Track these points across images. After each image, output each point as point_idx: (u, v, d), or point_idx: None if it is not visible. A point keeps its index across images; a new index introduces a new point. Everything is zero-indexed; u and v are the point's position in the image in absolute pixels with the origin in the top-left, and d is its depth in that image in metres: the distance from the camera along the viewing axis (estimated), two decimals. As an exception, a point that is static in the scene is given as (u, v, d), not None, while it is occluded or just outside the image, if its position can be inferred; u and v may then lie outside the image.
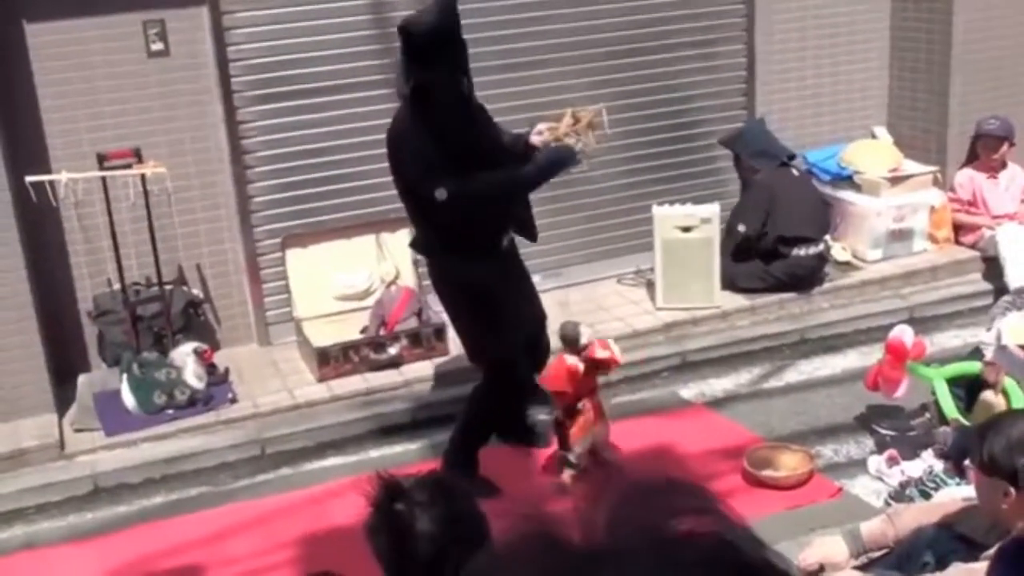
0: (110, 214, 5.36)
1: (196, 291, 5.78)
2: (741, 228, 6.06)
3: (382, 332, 5.61)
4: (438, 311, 5.78)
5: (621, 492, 0.73)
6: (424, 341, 5.58)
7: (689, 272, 5.95)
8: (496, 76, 6.19)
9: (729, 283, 6.09)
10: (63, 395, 5.34)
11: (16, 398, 5.13)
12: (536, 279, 6.35)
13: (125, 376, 5.21)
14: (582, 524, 0.71)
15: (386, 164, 6.08)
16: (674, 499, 0.73)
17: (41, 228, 5.39)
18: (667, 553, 0.68)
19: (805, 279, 6.14)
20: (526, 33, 6.22)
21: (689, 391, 5.49)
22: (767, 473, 4.50)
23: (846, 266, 6.40)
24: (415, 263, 5.85)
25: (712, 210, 5.93)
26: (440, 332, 5.62)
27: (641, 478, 0.75)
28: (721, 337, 5.87)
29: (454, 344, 5.66)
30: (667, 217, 5.94)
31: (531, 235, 4.61)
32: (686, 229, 5.92)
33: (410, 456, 4.90)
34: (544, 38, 6.25)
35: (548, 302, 6.14)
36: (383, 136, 6.04)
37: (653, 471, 0.77)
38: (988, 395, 4.45)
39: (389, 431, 5.17)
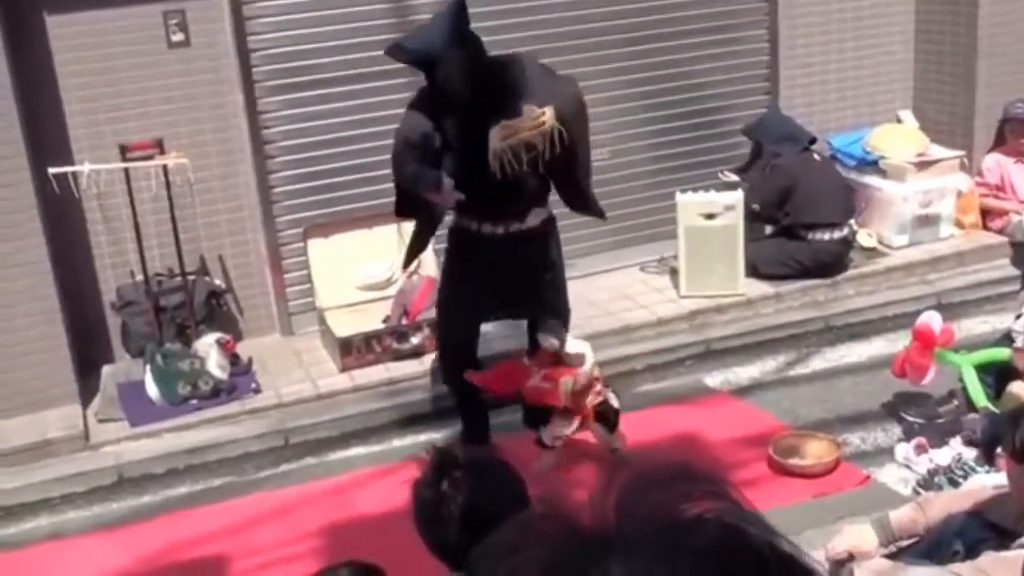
0: (132, 205, 5.37)
1: (218, 281, 5.79)
2: (755, 206, 6.02)
3: (404, 321, 5.61)
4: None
5: (630, 478, 0.73)
6: (446, 330, 5.56)
7: (713, 260, 5.91)
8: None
9: (753, 270, 6.05)
10: (87, 386, 5.36)
11: (41, 389, 5.16)
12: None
13: (149, 367, 5.22)
14: (592, 510, 0.70)
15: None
16: (682, 485, 0.73)
17: (64, 220, 5.41)
18: (675, 538, 0.68)
19: (830, 265, 6.09)
20: (544, 20, 6.18)
21: (714, 379, 5.47)
22: (793, 461, 4.47)
23: (872, 252, 6.35)
24: (436, 252, 5.83)
25: (736, 197, 5.89)
26: (462, 321, 5.60)
27: (650, 464, 0.75)
28: (746, 325, 5.83)
29: (477, 333, 5.64)
30: (690, 204, 5.90)
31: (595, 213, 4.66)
32: (709, 216, 5.88)
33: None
34: (563, 24, 6.22)
35: (571, 290, 6.15)
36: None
37: (662, 457, 0.77)
38: (1018, 383, 4.40)
39: (412, 421, 5.16)
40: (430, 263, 5.85)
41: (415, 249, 4.70)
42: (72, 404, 5.20)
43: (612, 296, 6.08)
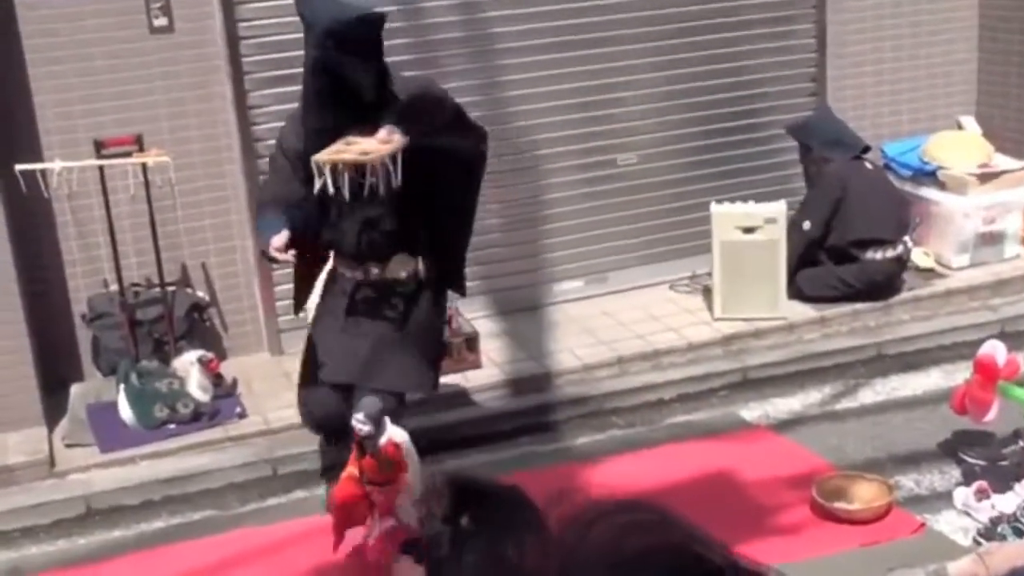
0: (108, 207, 5.41)
1: (201, 293, 5.82)
2: (806, 226, 6.04)
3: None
4: (470, 318, 5.82)
5: (568, 520, 0.76)
6: (455, 352, 5.58)
7: (751, 278, 5.93)
8: (543, 56, 6.24)
9: (796, 291, 6.07)
10: (53, 407, 5.40)
11: (3, 408, 5.18)
12: (579, 284, 6.45)
13: (122, 387, 5.25)
14: (536, 558, 0.76)
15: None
16: (624, 517, 0.75)
17: (31, 222, 5.45)
18: (625, 570, 0.71)
19: (882, 287, 6.11)
20: (575, 9, 6.23)
21: (751, 412, 5.47)
22: (839, 505, 4.47)
23: (929, 273, 6.36)
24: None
25: (778, 209, 5.91)
26: (472, 342, 5.64)
27: (587, 504, 0.78)
28: (787, 352, 5.84)
29: (487, 356, 5.69)
30: (727, 216, 5.92)
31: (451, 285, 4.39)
32: (748, 230, 5.90)
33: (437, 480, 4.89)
34: (595, 15, 6.26)
35: (592, 310, 6.22)
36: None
37: (602, 496, 0.81)
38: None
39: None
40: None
41: (301, 291, 4.51)
42: (36, 426, 5.23)
43: (639, 317, 6.11)
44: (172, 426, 5.24)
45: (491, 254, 6.37)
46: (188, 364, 5.37)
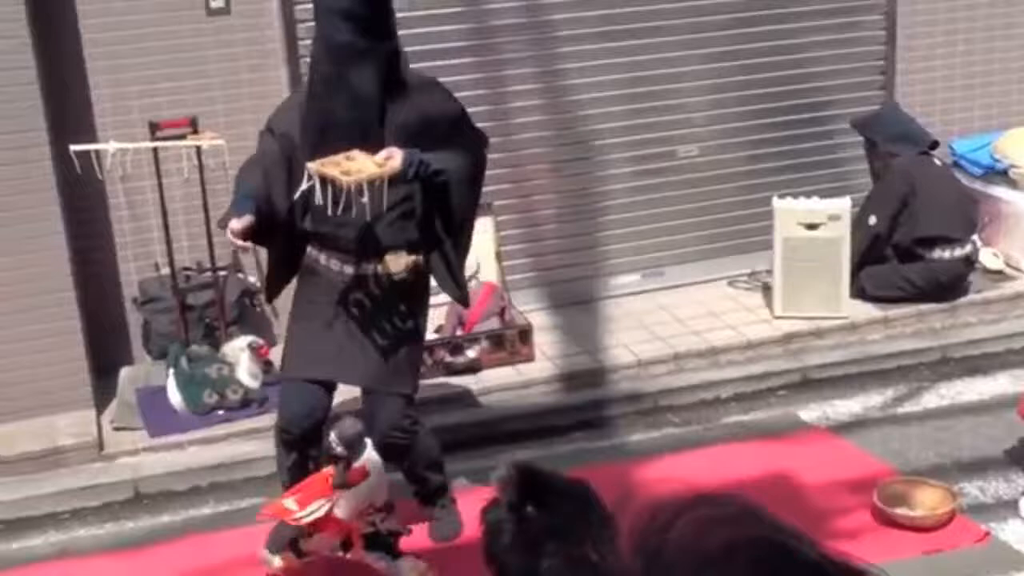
0: (161, 190, 5.45)
1: (253, 279, 5.85)
2: (872, 221, 5.97)
3: (459, 332, 5.63)
4: (523, 311, 5.81)
5: (644, 521, 0.76)
6: (507, 344, 5.59)
7: (813, 276, 5.88)
8: (593, 45, 6.19)
9: (859, 290, 6.01)
10: (103, 390, 5.45)
11: (52, 391, 5.25)
12: (635, 278, 6.41)
13: (172, 371, 5.30)
14: (618, 562, 0.74)
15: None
16: (707, 511, 0.75)
17: (84, 204, 5.50)
18: (713, 566, 0.71)
19: (948, 288, 6.03)
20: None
21: (810, 413, 5.43)
22: (901, 511, 4.42)
23: (998, 275, 6.27)
24: (498, 255, 5.86)
25: (842, 205, 5.85)
26: (525, 334, 5.63)
27: (659, 502, 0.78)
28: (849, 352, 5.79)
29: (541, 349, 5.68)
30: (790, 212, 5.87)
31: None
32: (811, 226, 5.85)
33: (488, 475, 4.89)
34: (657, 2, 6.23)
35: (648, 305, 6.19)
36: (471, 108, 6.10)
37: (670, 493, 0.80)
38: None
39: (464, 444, 5.16)
40: (490, 268, 5.87)
41: (274, 281, 4.42)
42: (86, 409, 5.29)
43: (696, 313, 6.07)
44: (221, 412, 5.28)
45: (546, 245, 6.36)
46: (238, 350, 5.40)
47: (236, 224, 3.95)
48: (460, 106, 4.15)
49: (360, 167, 3.77)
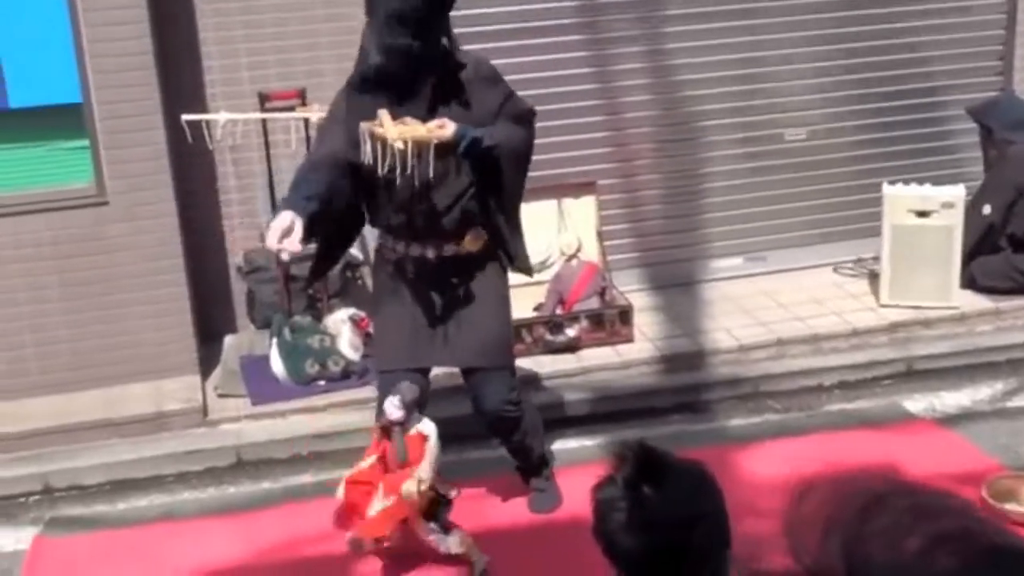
0: (268, 160, 5.54)
1: (355, 251, 5.91)
2: (986, 210, 5.85)
3: (559, 311, 5.65)
4: (624, 291, 5.80)
5: (842, 505, 0.72)
6: (607, 324, 5.59)
7: (922, 265, 5.78)
8: (703, 25, 6.15)
9: (969, 280, 5.90)
10: (207, 356, 5.58)
11: (160, 356, 5.37)
12: (738, 262, 6.37)
13: (275, 341, 5.39)
14: (803, 552, 0.70)
15: (575, 122, 6.15)
16: (904, 501, 0.71)
17: (194, 172, 5.62)
18: (928, 569, 0.69)
19: (1064, 281, 5.90)
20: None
21: (916, 404, 5.35)
22: (1012, 507, 4.33)
23: (1115, 269, 6.10)
24: (600, 235, 5.86)
25: (956, 193, 5.74)
26: (626, 315, 5.62)
27: (852, 485, 0.75)
28: (957, 343, 5.69)
29: (640, 330, 5.67)
30: (900, 199, 5.78)
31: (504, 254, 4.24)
32: (922, 214, 5.75)
33: (586, 453, 4.92)
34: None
35: (750, 289, 6.14)
36: (574, 88, 6.10)
37: (860, 474, 0.77)
38: None
39: (563, 423, 5.19)
40: (592, 247, 5.87)
41: (319, 267, 4.49)
42: (191, 375, 5.41)
43: (800, 299, 6.01)
44: (322, 383, 5.36)
45: (648, 226, 6.34)
46: (340, 322, 5.48)
47: (277, 222, 3.81)
48: (507, 87, 4.12)
49: (409, 130, 3.81)
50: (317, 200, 3.87)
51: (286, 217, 3.77)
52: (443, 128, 3.80)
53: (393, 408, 3.98)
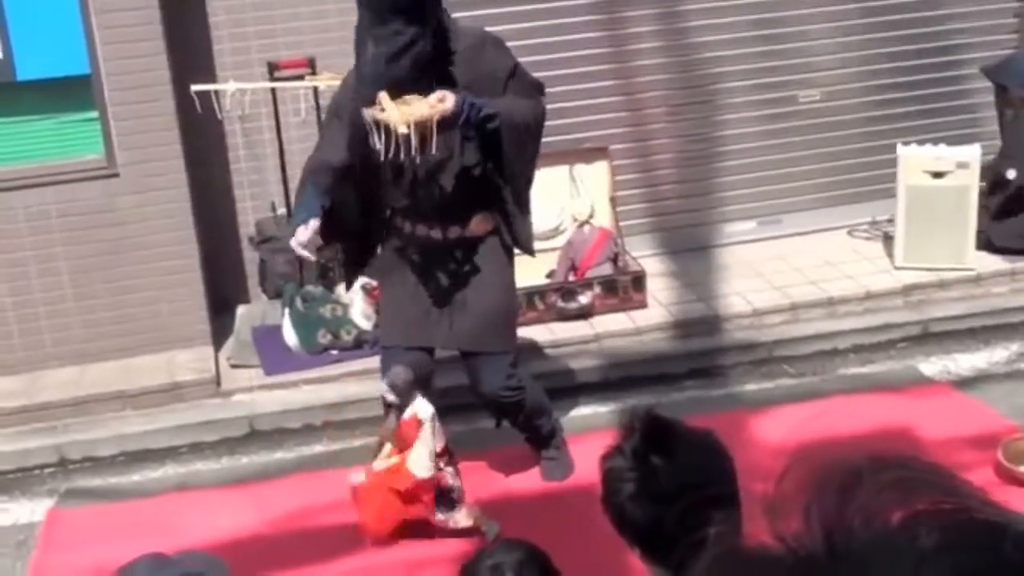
0: (278, 130, 5.50)
1: (367, 220, 5.89)
2: (1011, 175, 5.76)
3: (572, 278, 5.60)
4: (637, 256, 5.75)
5: (822, 481, 0.70)
6: (620, 290, 5.55)
7: (938, 226, 5.72)
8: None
9: (986, 242, 5.83)
10: (220, 327, 5.56)
11: (172, 327, 5.36)
12: (751, 226, 6.31)
13: (287, 311, 5.37)
14: (784, 531, 0.67)
15: (587, 86, 6.08)
16: (888, 475, 0.70)
17: (204, 143, 5.58)
18: (911, 545, 0.66)
19: (1081, 241, 5.82)
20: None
21: (931, 366, 5.30)
22: (1027, 469, 4.29)
23: None
24: (612, 200, 5.80)
25: (972, 153, 5.67)
26: (639, 281, 5.58)
27: (841, 460, 0.72)
28: (973, 305, 5.63)
29: (654, 296, 5.62)
30: (915, 159, 5.71)
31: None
32: (938, 175, 5.68)
33: (599, 420, 4.89)
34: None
35: (765, 253, 6.08)
36: (586, 51, 6.03)
37: (840, 453, 0.74)
38: None
39: (576, 390, 5.17)
40: (604, 213, 5.82)
41: (351, 269, 4.53)
42: (204, 346, 5.39)
43: (814, 262, 5.95)
44: (334, 352, 5.34)
45: (661, 191, 6.29)
46: (352, 291, 5.45)
47: (302, 235, 3.95)
48: (513, 59, 4.06)
49: (412, 110, 3.75)
50: (328, 196, 4.01)
51: (301, 234, 3.96)
52: (444, 101, 3.74)
53: (386, 392, 3.98)
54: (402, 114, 3.70)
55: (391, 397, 3.98)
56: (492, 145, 3.94)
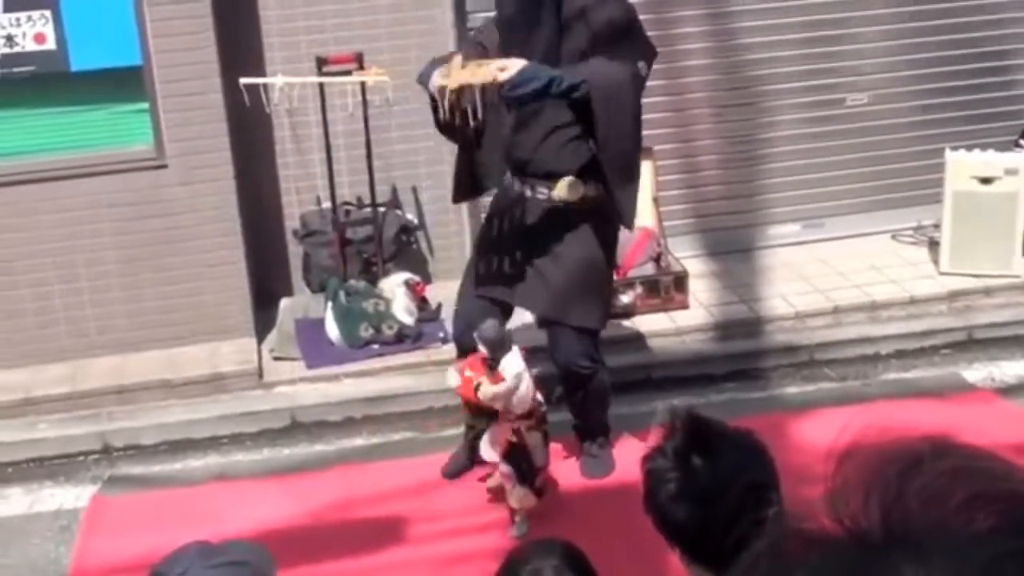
0: (325, 124, 5.51)
1: (411, 216, 5.89)
2: None
3: (614, 277, 5.57)
4: (679, 257, 5.72)
5: (882, 466, 0.71)
6: (662, 290, 5.52)
7: (984, 232, 5.64)
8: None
9: (1032, 248, 5.75)
10: (263, 319, 5.57)
11: (216, 317, 5.38)
12: (795, 228, 6.25)
13: (330, 304, 5.37)
14: (844, 514, 0.68)
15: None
16: (946, 463, 0.70)
17: (251, 136, 5.60)
18: (967, 527, 0.66)
19: None
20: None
21: (975, 373, 5.24)
22: (1072, 479, 4.22)
23: None
24: (656, 201, 5.77)
25: (1020, 159, 5.59)
26: (681, 281, 5.54)
27: (896, 447, 0.73)
28: (1018, 312, 5.57)
29: (695, 297, 5.59)
30: (963, 164, 5.64)
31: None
32: (985, 180, 5.61)
33: (640, 420, 4.85)
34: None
35: (807, 256, 6.02)
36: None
37: (897, 439, 0.75)
38: None
39: (618, 389, 5.10)
40: (647, 212, 5.77)
41: (460, 180, 4.44)
42: (247, 337, 5.41)
43: (857, 266, 5.89)
44: (376, 346, 5.34)
45: (705, 192, 6.24)
46: (395, 286, 5.45)
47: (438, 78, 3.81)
48: (628, 17, 4.01)
49: (461, 76, 3.75)
50: None
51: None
52: (506, 70, 3.70)
53: (479, 344, 3.93)
54: (455, 78, 3.73)
55: (483, 350, 3.91)
56: (583, 111, 3.91)
